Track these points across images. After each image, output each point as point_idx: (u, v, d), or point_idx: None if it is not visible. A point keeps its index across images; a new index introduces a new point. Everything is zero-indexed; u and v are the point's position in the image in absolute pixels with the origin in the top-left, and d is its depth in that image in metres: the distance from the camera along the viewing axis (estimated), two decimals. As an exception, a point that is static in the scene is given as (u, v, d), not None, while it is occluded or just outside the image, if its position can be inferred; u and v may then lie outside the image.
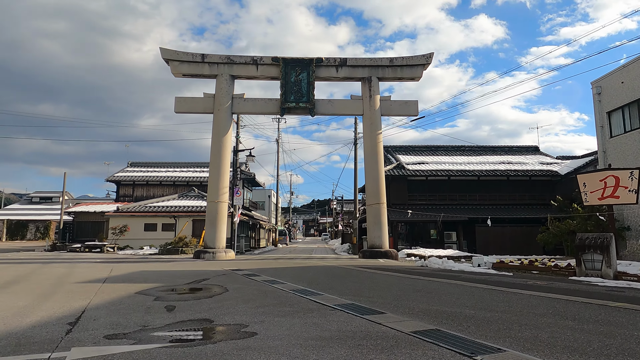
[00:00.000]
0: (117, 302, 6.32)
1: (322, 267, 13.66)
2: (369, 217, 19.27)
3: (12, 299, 6.55)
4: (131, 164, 34.39)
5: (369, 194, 19.33)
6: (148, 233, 24.98)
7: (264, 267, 13.48)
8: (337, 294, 7.12)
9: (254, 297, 6.78)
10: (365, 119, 19.69)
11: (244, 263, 15.45)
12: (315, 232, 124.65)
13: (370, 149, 19.34)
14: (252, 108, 19.84)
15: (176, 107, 19.42)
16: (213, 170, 18.95)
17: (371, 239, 18.90)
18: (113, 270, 12.42)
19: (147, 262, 16.23)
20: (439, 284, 8.47)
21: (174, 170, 33.15)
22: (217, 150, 18.97)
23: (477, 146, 31.70)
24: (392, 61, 19.73)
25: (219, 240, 18.38)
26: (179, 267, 13.63)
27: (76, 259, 17.38)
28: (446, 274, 11.31)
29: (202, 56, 19.48)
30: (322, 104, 19.71)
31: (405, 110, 19.89)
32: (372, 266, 13.85)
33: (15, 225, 58.31)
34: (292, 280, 9.44)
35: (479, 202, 26.71)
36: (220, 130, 19.09)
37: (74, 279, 9.63)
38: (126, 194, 31.47)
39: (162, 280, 9.37)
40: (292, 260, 17.29)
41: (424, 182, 27.10)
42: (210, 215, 18.58)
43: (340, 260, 17.60)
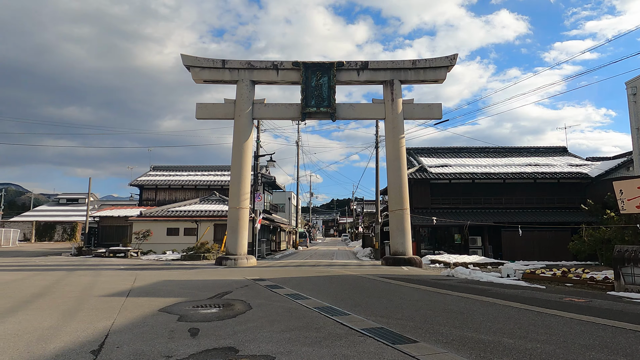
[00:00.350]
0: (141, 322, 6.21)
1: (345, 277, 13.40)
2: (391, 223, 18.90)
3: (37, 318, 6.52)
4: (154, 168, 34.84)
5: (392, 199, 18.96)
6: (170, 237, 25.19)
7: (287, 277, 13.31)
8: (364, 313, 6.86)
9: (278, 317, 6.58)
10: (387, 123, 19.33)
11: (265, 271, 15.34)
12: (335, 233, 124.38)
13: (392, 153, 18.96)
14: (272, 113, 19.74)
15: (197, 114, 19.46)
16: (234, 176, 18.92)
17: (394, 245, 18.53)
18: (137, 279, 12.46)
19: (169, 269, 16.29)
20: (470, 303, 8.10)
21: (195, 174, 33.43)
22: (238, 156, 18.92)
23: (501, 147, 30.86)
24: (415, 63, 19.31)
25: (240, 246, 18.33)
26: (201, 276, 13.60)
27: (101, 266, 17.60)
28: (475, 287, 10.89)
29: (223, 62, 19.47)
30: (343, 108, 19.45)
31: (429, 114, 19.45)
32: (397, 276, 13.51)
33: (43, 226, 60.03)
34: (316, 294, 9.22)
35: (505, 206, 25.96)
36: (241, 136, 19.04)
37: (98, 291, 9.65)
38: (149, 197, 31.88)
39: (184, 294, 9.28)
40: (314, 268, 17.09)
41: (447, 185, 26.51)
42: (232, 222, 18.54)
43: (363, 268, 17.30)
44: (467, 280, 12.68)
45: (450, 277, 13.54)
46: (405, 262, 17.80)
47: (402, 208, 18.58)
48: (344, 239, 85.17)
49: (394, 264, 17.88)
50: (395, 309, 7.32)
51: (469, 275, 13.34)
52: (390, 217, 19.02)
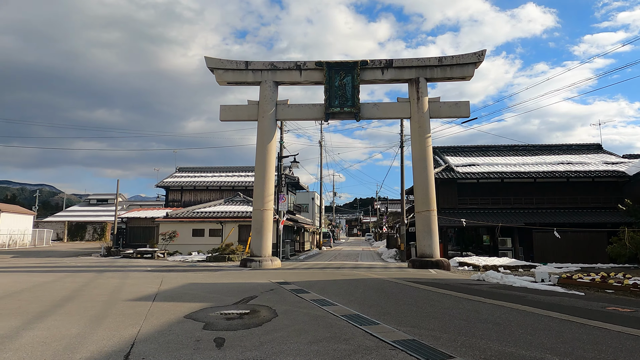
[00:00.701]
0: (166, 330, 6.13)
1: (371, 280, 13.12)
2: (418, 224, 18.47)
3: (65, 324, 6.54)
4: (179, 170, 35.34)
5: (418, 200, 18.52)
6: (196, 238, 25.42)
7: (311, 280, 13.13)
8: (394, 322, 6.59)
9: (305, 326, 6.38)
10: (412, 122, 18.89)
11: (290, 274, 15.20)
12: (359, 232, 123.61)
13: (418, 153, 18.52)
14: (296, 114, 19.60)
15: (221, 116, 19.51)
16: (258, 178, 18.88)
17: (421, 247, 18.10)
18: (163, 282, 12.52)
19: (195, 271, 16.37)
20: (506, 312, 7.70)
21: (219, 175, 33.71)
22: (261, 157, 18.87)
23: (531, 145, 29.83)
24: (441, 61, 18.80)
25: (265, 248, 18.27)
26: (226, 279, 13.57)
27: (128, 267, 17.86)
28: (508, 293, 10.43)
29: (246, 63, 19.45)
30: (367, 108, 19.13)
31: (456, 112, 18.90)
32: (425, 280, 13.13)
33: (75, 226, 61.95)
34: (342, 299, 8.99)
35: (536, 206, 25.05)
36: (264, 138, 18.98)
37: (126, 295, 9.69)
38: (175, 199, 32.33)
39: (210, 299, 9.21)
40: (339, 271, 16.86)
41: (475, 185, 25.79)
42: (256, 224, 18.50)
43: (389, 271, 16.96)
44: (499, 285, 12.19)
45: (481, 282, 13.06)
46: (432, 264, 17.35)
47: (429, 209, 18.12)
48: (367, 238, 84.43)
49: (421, 266, 17.46)
50: (426, 318, 7.02)
51: (501, 279, 12.83)
52: (417, 219, 18.59)
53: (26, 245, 40.28)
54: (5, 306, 8.22)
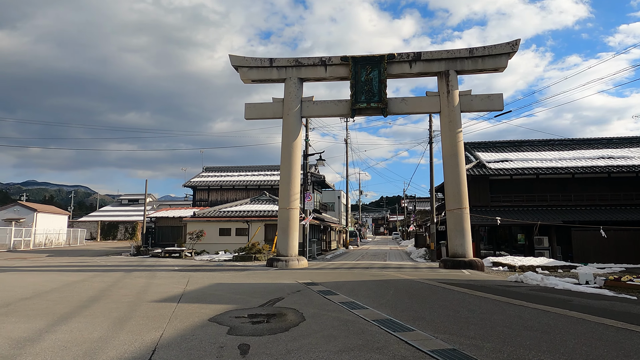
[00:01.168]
0: (189, 334, 5.86)
1: (402, 282, 12.59)
2: (449, 223, 17.76)
3: (88, 327, 6.38)
4: (206, 169, 35.61)
5: (449, 198, 17.81)
6: (223, 238, 25.44)
7: (339, 281, 12.73)
8: (430, 329, 6.11)
9: (334, 332, 5.99)
10: (442, 116, 18.18)
11: (317, 274, 14.84)
12: (385, 231, 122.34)
13: (449, 149, 17.81)
14: (321, 111, 19.21)
15: (246, 114, 19.35)
16: (284, 176, 18.61)
17: (453, 247, 17.39)
18: (189, 282, 12.39)
19: (222, 270, 16.24)
20: (553, 319, 7.07)
21: (245, 174, 33.76)
22: (287, 155, 18.59)
23: (568, 139, 28.42)
24: (472, 52, 18.00)
25: (291, 247, 17.99)
26: (252, 279, 13.33)
27: (156, 266, 17.93)
28: (552, 296, 9.72)
29: (270, 60, 19.20)
30: (394, 103, 18.54)
31: (489, 105, 18.06)
32: (459, 281, 12.50)
33: (107, 226, 63.73)
34: (372, 302, 8.55)
35: (575, 203, 23.80)
36: (289, 135, 18.69)
37: (151, 296, 9.54)
38: (202, 198, 32.57)
39: (235, 300, 8.95)
40: (368, 271, 16.38)
41: (508, 181, 24.74)
42: (282, 223, 18.24)
43: (420, 272, 16.35)
44: (540, 287, 11.45)
45: (520, 284, 12.32)
46: (465, 265, 16.63)
47: (460, 207, 17.39)
48: (394, 237, 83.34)
49: (453, 267, 16.76)
50: (465, 325, 6.49)
51: (541, 281, 12.06)
52: (448, 217, 17.89)
53: (61, 244, 41.58)
54: (33, 306, 8.19)
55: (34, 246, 36.10)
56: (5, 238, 33.27)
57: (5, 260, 21.87)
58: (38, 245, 37.23)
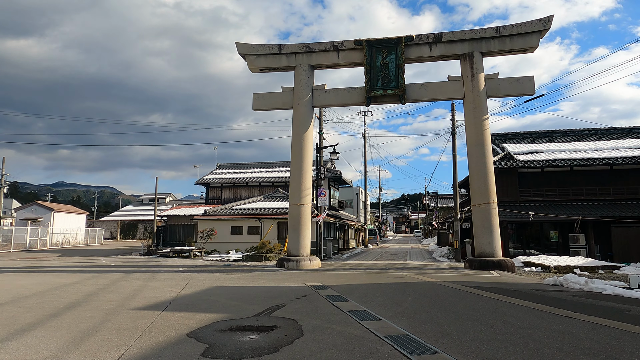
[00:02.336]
0: (154, 357, 4.69)
1: (423, 285, 11.19)
2: (475, 219, 16.20)
3: (42, 342, 5.32)
4: (219, 166, 34.75)
5: (475, 192, 16.25)
6: (234, 236, 24.45)
7: (352, 284, 11.43)
8: (459, 350, 4.77)
9: (336, 354, 4.71)
10: (466, 102, 16.62)
11: (329, 275, 13.57)
12: (407, 229, 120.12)
13: (474, 138, 16.24)
14: (334, 99, 17.89)
15: (254, 105, 18.22)
16: (294, 171, 17.39)
17: (480, 245, 15.83)
18: (188, 284, 11.32)
19: (227, 271, 15.15)
20: (614, 336, 5.59)
21: (259, 170, 32.71)
22: (298, 148, 17.37)
23: (605, 129, 26.26)
24: (499, 31, 16.37)
25: (303, 246, 16.77)
26: (257, 281, 12.16)
27: (161, 267, 17.00)
28: (601, 304, 8.17)
29: (279, 47, 18.01)
30: (413, 89, 17.07)
31: (518, 89, 16.40)
32: (488, 285, 11.02)
33: (127, 225, 63.97)
34: (387, 311, 7.25)
35: (614, 197, 21.78)
36: (300, 126, 17.46)
37: (137, 302, 8.46)
38: (215, 196, 31.71)
39: (228, 308, 7.77)
40: (386, 272, 15.00)
41: (538, 174, 22.89)
42: (293, 220, 17.04)
43: (444, 273, 14.88)
44: (584, 292, 9.87)
45: (559, 288, 10.76)
46: (493, 265, 15.06)
47: (488, 202, 15.81)
48: (416, 235, 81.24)
49: (480, 267, 15.22)
50: (503, 344, 5.10)
51: (585, 285, 10.46)
52: (474, 213, 16.32)
53: (79, 244, 41.53)
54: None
55: (50, 246, 36.02)
56: (22, 237, 33.21)
57: (15, 260, 21.39)
58: (55, 245, 37.15)
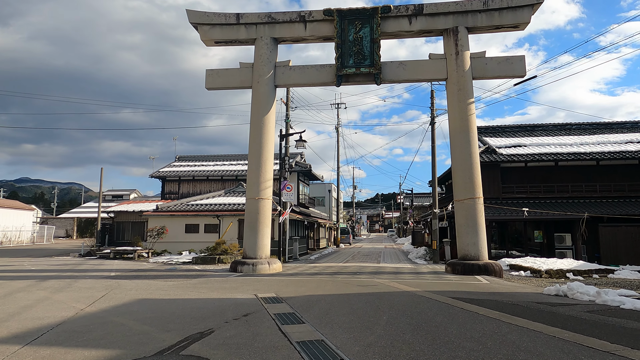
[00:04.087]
0: None
1: (401, 297, 9.04)
2: (458, 216, 14.24)
3: None
4: (179, 159, 31.86)
5: (459, 185, 14.29)
6: (189, 235, 21.81)
7: (315, 294, 9.18)
8: None
9: None
10: (450, 84, 14.63)
11: (289, 283, 11.29)
12: (380, 228, 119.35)
13: (458, 123, 14.27)
14: (299, 78, 15.56)
15: (207, 83, 15.70)
16: (252, 159, 15.00)
17: (463, 246, 13.87)
18: (105, 296, 8.81)
19: (168, 277, 12.63)
20: None
21: (222, 163, 30.03)
22: (257, 133, 14.98)
23: (588, 123, 24.96)
24: (487, 4, 14.44)
25: (260, 248, 14.41)
26: (196, 291, 9.72)
27: (90, 272, 14.29)
28: (630, 325, 6.20)
29: (237, 16, 15.55)
30: (390, 67, 14.95)
31: (508, 70, 14.53)
32: (479, 296, 8.97)
33: (84, 223, 59.77)
34: (354, 340, 5.03)
35: (600, 195, 20.38)
36: (260, 108, 15.08)
37: (6, 327, 5.91)
38: (172, 190, 28.87)
39: (129, 338, 5.36)
40: (356, 278, 12.83)
41: (522, 170, 21.29)
42: (250, 217, 14.66)
43: (423, 279, 12.82)
44: (599, 307, 7.93)
45: (564, 299, 8.82)
46: (479, 269, 13.12)
47: (473, 197, 13.87)
48: (390, 234, 79.93)
49: (464, 272, 13.25)
50: None
51: (597, 297, 8.55)
52: (457, 209, 14.36)
53: (23, 243, 37.71)
54: None
55: (-13, 245, 32.22)
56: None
57: None
58: (-7, 244, 33.34)
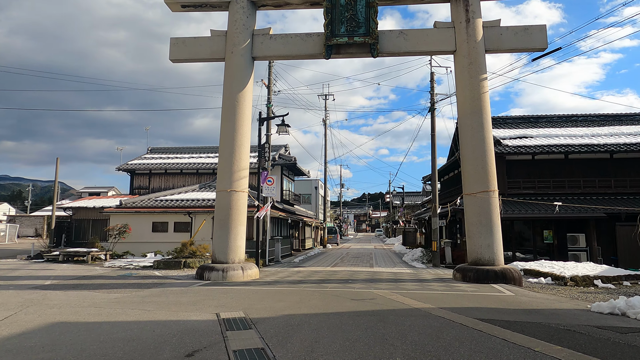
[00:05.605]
0: None
1: (412, 318, 6.72)
2: (469, 213, 12.04)
3: None
4: (151, 150, 29.12)
5: (470, 176, 12.08)
6: (157, 235, 19.25)
7: (296, 315, 6.82)
8: None
9: None
10: (459, 57, 12.43)
11: (265, 295, 8.90)
12: (367, 228, 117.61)
13: (469, 104, 12.07)
14: (282, 49, 13.14)
15: (172, 54, 13.22)
16: (224, 144, 12.58)
17: (475, 249, 11.67)
18: (6, 320, 6.32)
19: (113, 288, 10.14)
20: None
21: (199, 156, 27.42)
22: (230, 113, 12.55)
23: (596, 115, 23.11)
24: (503, -37, 12.27)
25: (233, 250, 11.99)
26: (139, 309, 7.25)
27: (19, 279, 11.68)
28: None
29: (208, -25, 13.10)
30: (389, 37, 12.67)
31: (526, 42, 12.38)
32: (516, 317, 6.72)
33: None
34: None
35: (615, 190, 18.50)
36: (234, 83, 12.66)
37: None
38: (142, 185, 26.17)
39: None
40: (349, 288, 10.50)
41: (529, 163, 19.30)
42: (221, 213, 12.23)
43: (431, 290, 10.58)
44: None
45: (624, 320, 6.65)
46: (495, 276, 10.94)
47: (487, 189, 11.68)
48: (377, 234, 78.02)
49: (478, 279, 11.06)
50: None
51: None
52: (467, 205, 12.15)
53: (-19, 243, 34.44)
54: None
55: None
56: None
57: None
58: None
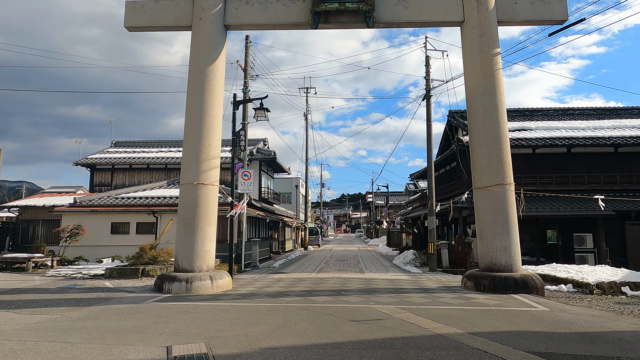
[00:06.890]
0: None
1: (435, 349, 4.81)
2: (481, 210, 10.29)
3: None
4: (115, 144, 26.51)
5: (481, 167, 10.32)
6: (117, 237, 16.87)
7: (278, 347, 4.80)
8: None
9: None
10: (467, 28, 10.68)
11: (237, 315, 6.84)
12: (347, 228, 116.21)
13: (480, 82, 10.33)
14: (260, 16, 11.09)
15: (127, 20, 11.01)
16: (190, 128, 10.47)
17: (489, 252, 9.91)
18: None
19: (42, 307, 7.90)
20: None
21: (168, 150, 25.02)
22: (197, 91, 10.45)
23: (594, 108, 21.88)
24: None
25: (200, 255, 9.89)
26: (58, 344, 5.02)
27: None
28: None
29: None
30: (387, 4, 10.80)
31: (544, 13, 10.72)
32: (572, 344, 4.90)
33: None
34: None
35: (622, 187, 17.21)
36: (203, 55, 10.57)
37: None
38: (103, 181, 23.62)
39: None
40: (343, 303, 8.53)
41: (529, 157, 17.83)
42: (186, 211, 10.12)
43: (445, 304, 8.73)
44: None
45: None
46: (515, 285, 9.20)
47: (502, 182, 9.97)
48: (358, 235, 76.55)
49: (494, 288, 9.29)
50: None
51: None
52: (478, 200, 10.40)
53: None
54: None
55: None
56: None
57: None
58: None
